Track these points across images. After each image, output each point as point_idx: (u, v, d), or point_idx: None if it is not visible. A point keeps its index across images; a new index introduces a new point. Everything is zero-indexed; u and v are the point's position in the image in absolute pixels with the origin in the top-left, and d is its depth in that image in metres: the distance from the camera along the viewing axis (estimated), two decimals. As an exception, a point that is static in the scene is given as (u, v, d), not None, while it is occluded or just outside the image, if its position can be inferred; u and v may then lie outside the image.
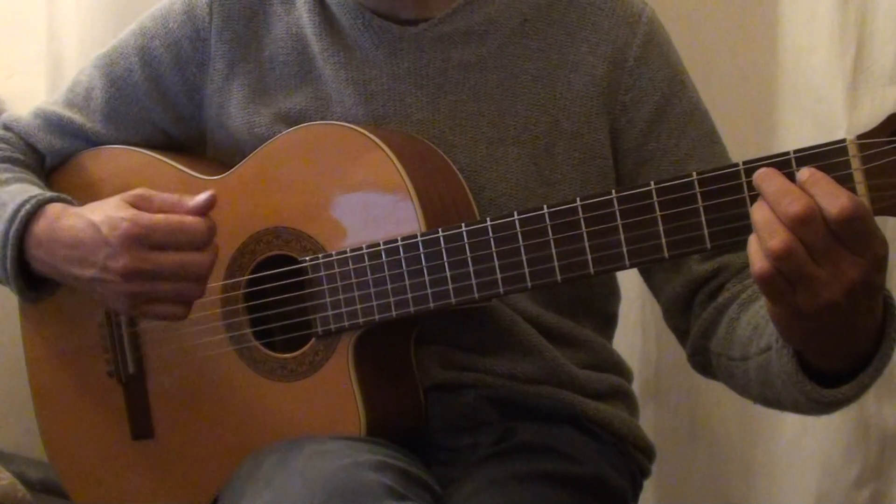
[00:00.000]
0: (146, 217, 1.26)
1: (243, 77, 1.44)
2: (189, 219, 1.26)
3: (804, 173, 1.03)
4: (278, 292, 1.34)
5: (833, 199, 1.00)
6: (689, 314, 1.38)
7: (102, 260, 1.27)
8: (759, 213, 1.04)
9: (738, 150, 1.41)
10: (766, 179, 1.04)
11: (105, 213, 1.28)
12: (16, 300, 1.48)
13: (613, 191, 1.15)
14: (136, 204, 1.28)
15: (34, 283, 1.38)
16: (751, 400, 1.30)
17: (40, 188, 1.40)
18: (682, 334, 1.41)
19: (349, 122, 1.36)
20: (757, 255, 1.03)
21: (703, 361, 1.38)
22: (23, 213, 1.33)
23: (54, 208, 1.34)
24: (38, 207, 1.34)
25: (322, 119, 1.39)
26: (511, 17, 1.39)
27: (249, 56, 1.44)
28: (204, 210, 1.26)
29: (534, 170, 1.37)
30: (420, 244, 1.25)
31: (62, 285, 1.38)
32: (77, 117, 1.49)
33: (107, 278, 1.27)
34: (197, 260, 1.26)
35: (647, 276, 1.44)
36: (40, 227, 1.33)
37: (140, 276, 1.26)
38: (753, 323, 1.25)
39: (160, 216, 1.26)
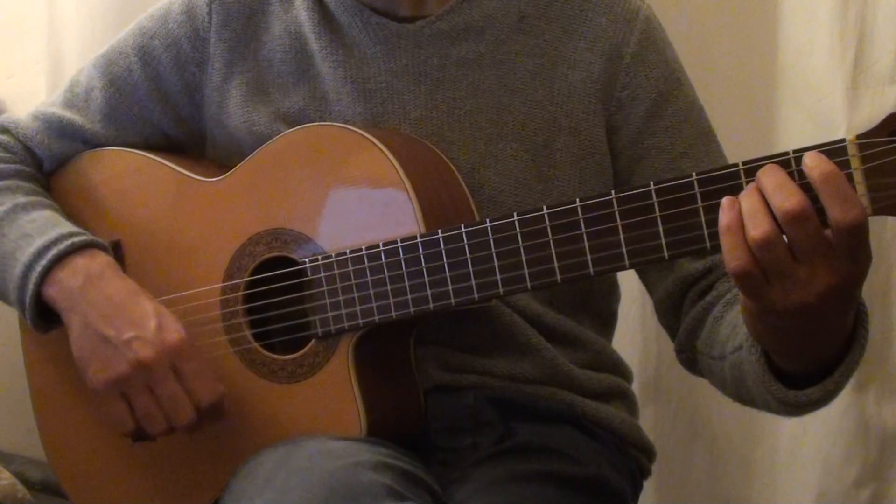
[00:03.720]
0: (193, 349, 1.30)
1: (242, 76, 1.44)
2: (213, 382, 1.30)
3: (814, 166, 1.02)
4: (278, 294, 1.34)
5: (846, 207, 1.00)
6: (679, 311, 1.39)
7: (133, 336, 1.29)
8: (747, 200, 1.04)
9: (738, 150, 1.40)
10: (767, 172, 1.04)
11: (167, 312, 1.32)
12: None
13: (613, 191, 1.15)
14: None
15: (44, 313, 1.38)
16: (731, 398, 1.31)
17: (64, 218, 1.41)
18: (672, 331, 1.42)
19: (347, 121, 1.37)
20: (734, 243, 1.03)
21: (690, 359, 1.39)
22: (64, 245, 1.34)
23: (103, 256, 1.35)
24: (83, 246, 1.35)
25: (320, 117, 1.39)
26: (508, 13, 1.39)
27: (248, 55, 1.44)
28: (219, 400, 1.31)
29: (532, 166, 1.37)
30: (419, 245, 1.25)
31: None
32: (76, 118, 1.49)
33: (121, 350, 1.29)
34: (187, 409, 1.30)
35: (641, 273, 1.45)
36: (82, 261, 1.34)
37: (145, 376, 1.29)
38: (733, 322, 1.26)
39: (201, 358, 1.30)
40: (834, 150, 1.03)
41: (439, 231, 1.24)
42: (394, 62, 1.38)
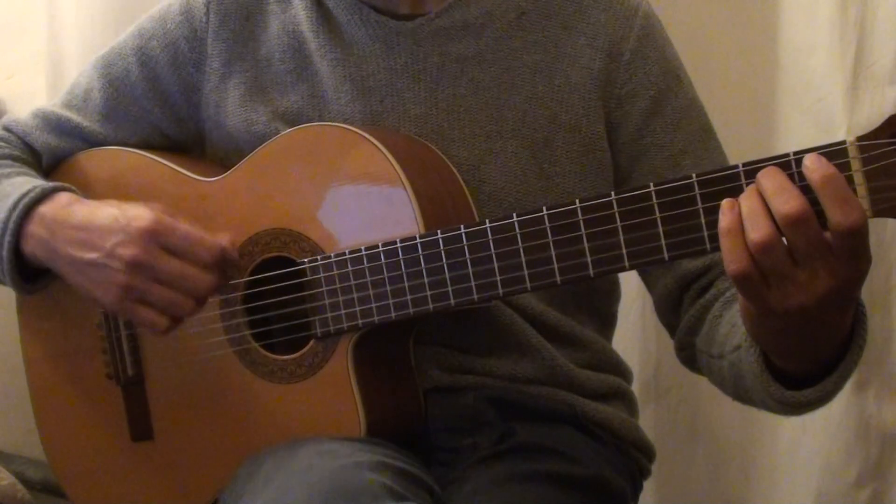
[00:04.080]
0: (168, 219, 1.28)
1: (240, 76, 1.44)
2: (208, 237, 1.28)
3: (814, 168, 1.02)
4: (277, 294, 1.34)
5: (846, 210, 1.00)
6: (679, 309, 1.39)
7: (112, 246, 1.28)
8: (747, 202, 1.04)
9: (738, 150, 1.40)
10: (767, 174, 1.04)
11: (128, 206, 1.30)
12: (15, 301, 1.48)
13: (613, 192, 1.15)
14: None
15: (27, 274, 1.38)
16: (730, 397, 1.31)
17: (43, 181, 1.41)
18: (672, 329, 1.42)
19: (347, 119, 1.37)
20: (733, 245, 1.03)
21: (689, 356, 1.40)
22: (27, 199, 1.34)
23: (66, 195, 1.36)
24: (45, 193, 1.35)
25: (319, 116, 1.39)
26: (508, 10, 1.39)
27: (246, 55, 1.44)
28: (224, 242, 1.29)
29: (533, 163, 1.37)
30: (419, 246, 1.25)
31: (56, 279, 1.38)
32: (75, 117, 1.49)
33: (109, 264, 1.28)
34: (200, 276, 1.28)
35: (640, 271, 1.45)
36: (47, 208, 1.34)
37: (143, 271, 1.27)
38: (732, 321, 1.26)
39: (182, 224, 1.28)
40: (834, 152, 1.03)
41: (438, 231, 1.24)
42: (393, 60, 1.38)
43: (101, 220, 1.30)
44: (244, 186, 1.37)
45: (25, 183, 1.38)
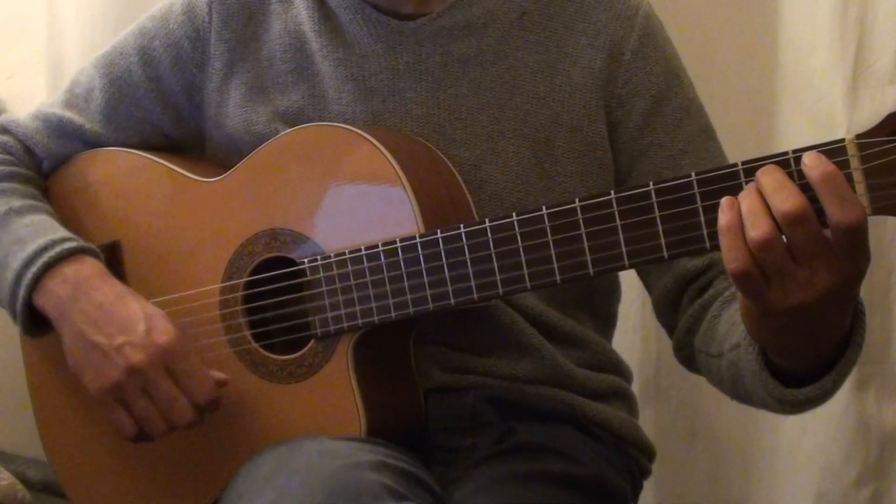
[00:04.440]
0: (184, 346, 1.30)
1: (242, 76, 1.44)
2: (210, 378, 1.30)
3: (813, 166, 1.02)
4: (277, 294, 1.34)
5: (846, 207, 1.00)
6: (677, 309, 1.39)
7: (123, 342, 1.29)
8: (746, 200, 1.04)
9: (738, 150, 1.40)
10: (766, 172, 1.04)
11: (154, 313, 1.31)
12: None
13: (612, 191, 1.15)
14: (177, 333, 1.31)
15: (36, 320, 1.38)
16: (728, 396, 1.31)
17: (60, 224, 1.40)
18: (670, 329, 1.42)
19: (348, 119, 1.37)
20: (733, 243, 1.03)
21: (688, 356, 1.40)
22: (51, 254, 1.34)
23: (92, 263, 1.35)
24: (70, 254, 1.35)
25: (320, 116, 1.39)
26: (509, 10, 1.39)
27: (248, 55, 1.44)
28: (214, 400, 1.31)
29: (534, 163, 1.38)
30: (419, 245, 1.25)
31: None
32: (76, 118, 1.49)
33: (113, 357, 1.29)
34: (185, 409, 1.30)
35: (639, 271, 1.45)
36: (70, 270, 1.34)
37: (139, 379, 1.29)
38: (731, 320, 1.26)
39: (193, 356, 1.30)
40: (833, 150, 1.03)
41: (438, 231, 1.24)
42: (395, 60, 1.38)
43: (124, 312, 1.31)
44: (244, 186, 1.37)
45: (44, 231, 1.37)
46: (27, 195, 1.43)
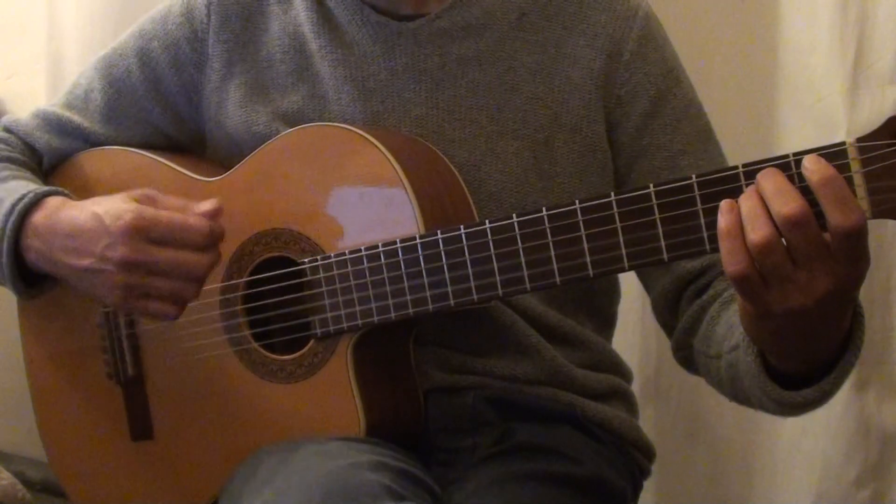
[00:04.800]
0: (150, 211, 1.27)
1: (241, 77, 1.44)
2: (193, 219, 1.26)
3: (813, 170, 1.02)
4: (277, 294, 1.34)
5: (846, 211, 1.00)
6: (676, 310, 1.39)
7: (101, 250, 1.27)
8: (746, 203, 1.04)
9: (738, 150, 1.40)
10: (767, 175, 1.04)
11: (108, 205, 1.29)
12: (15, 300, 1.48)
13: (612, 193, 1.15)
14: (140, 201, 1.28)
15: (30, 279, 1.38)
16: (727, 397, 1.31)
17: (38, 184, 1.40)
18: (669, 330, 1.42)
19: (347, 120, 1.37)
20: (733, 246, 1.03)
21: (686, 357, 1.40)
22: (20, 206, 1.34)
23: (54, 200, 1.35)
24: (36, 200, 1.34)
25: (319, 116, 1.39)
26: (508, 11, 1.39)
27: (247, 56, 1.44)
28: (208, 217, 1.27)
29: (533, 163, 1.38)
30: (419, 246, 1.25)
31: (59, 283, 1.38)
32: (76, 118, 1.49)
33: (103, 268, 1.27)
34: (194, 260, 1.26)
35: (638, 272, 1.45)
36: (38, 217, 1.34)
37: (137, 268, 1.26)
38: (730, 321, 1.26)
39: (164, 212, 1.27)
40: (834, 153, 1.03)
41: (438, 232, 1.24)
42: (394, 60, 1.38)
43: (85, 224, 1.29)
44: (245, 186, 1.37)
45: (19, 188, 1.38)
46: (16, 174, 1.43)
